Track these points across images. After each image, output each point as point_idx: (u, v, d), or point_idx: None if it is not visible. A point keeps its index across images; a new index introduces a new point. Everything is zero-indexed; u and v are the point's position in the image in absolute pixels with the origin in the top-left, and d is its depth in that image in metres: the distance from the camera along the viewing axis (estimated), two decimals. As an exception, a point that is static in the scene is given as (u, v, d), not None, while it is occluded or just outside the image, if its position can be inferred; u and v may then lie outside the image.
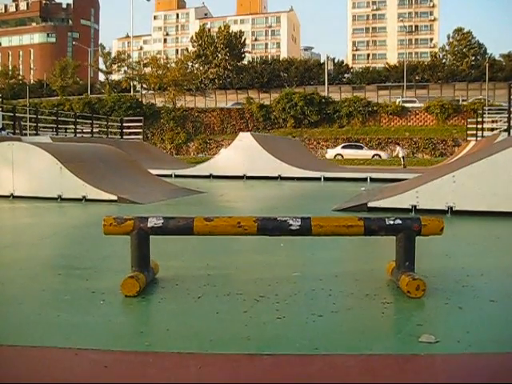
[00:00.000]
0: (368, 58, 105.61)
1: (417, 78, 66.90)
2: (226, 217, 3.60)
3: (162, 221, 3.52)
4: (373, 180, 15.34)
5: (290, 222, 3.47)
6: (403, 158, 30.30)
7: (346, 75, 71.59)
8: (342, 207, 8.08)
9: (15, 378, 2.25)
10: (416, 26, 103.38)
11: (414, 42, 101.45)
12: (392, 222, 3.56)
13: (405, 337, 2.76)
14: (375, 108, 53.23)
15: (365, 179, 15.48)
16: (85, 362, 2.46)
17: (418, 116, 53.03)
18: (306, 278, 4.01)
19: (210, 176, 16.56)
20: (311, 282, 3.84)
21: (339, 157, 41.24)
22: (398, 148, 32.51)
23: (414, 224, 3.55)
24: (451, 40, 74.03)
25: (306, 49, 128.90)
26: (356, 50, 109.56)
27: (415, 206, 7.56)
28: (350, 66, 77.15)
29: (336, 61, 71.83)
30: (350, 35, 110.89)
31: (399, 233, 3.57)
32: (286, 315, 3.04)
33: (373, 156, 40.62)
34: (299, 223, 3.47)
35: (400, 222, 3.56)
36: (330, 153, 43.86)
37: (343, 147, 44.21)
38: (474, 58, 70.36)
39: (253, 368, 2.40)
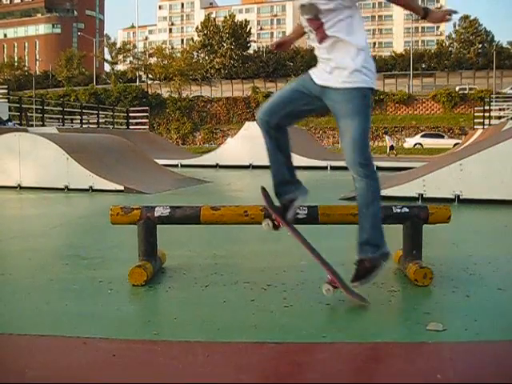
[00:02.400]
0: (374, 47, 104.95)
1: (423, 66, 66.55)
2: (233, 206, 3.61)
3: (169, 210, 3.52)
4: (379, 169, 15.27)
5: (297, 210, 3.46)
6: (392, 146, 30.56)
7: (352, 64, 71.30)
8: (349, 196, 8.07)
9: (24, 366, 2.27)
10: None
11: (420, 29, 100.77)
12: (399, 211, 3.55)
13: (412, 325, 2.76)
14: (381, 96, 53.09)
15: (371, 168, 15.44)
16: (93, 350, 2.47)
17: (424, 104, 52.86)
18: (313, 266, 3.98)
19: (217, 166, 16.57)
20: (318, 270, 3.81)
21: (419, 146, 39.61)
22: (386, 137, 32.70)
23: (421, 212, 3.55)
24: (458, 28, 73.54)
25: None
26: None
27: (422, 195, 7.55)
28: (356, 55, 76.76)
29: (342, 49, 71.51)
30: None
31: (406, 221, 3.57)
32: (294, 303, 3.04)
33: (454, 145, 38.20)
34: (306, 212, 3.47)
35: (407, 210, 3.55)
36: (410, 142, 42.10)
37: (423, 136, 42.32)
38: (480, 45, 69.87)
39: (260, 356, 2.41)
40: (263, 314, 2.90)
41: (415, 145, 40.35)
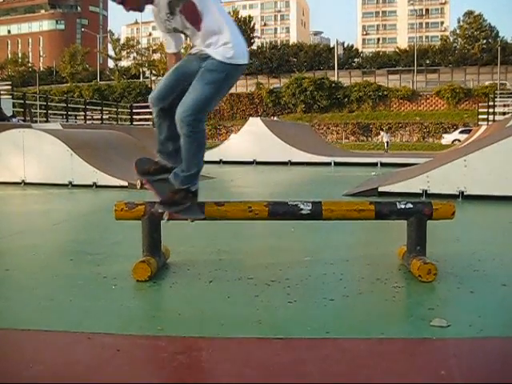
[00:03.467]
0: (378, 43, 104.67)
1: (427, 62, 66.34)
2: (237, 201, 3.61)
3: (173, 206, 3.52)
4: (383, 165, 15.29)
5: (301, 206, 3.46)
6: (387, 143, 30.76)
7: (355, 60, 71.13)
8: (353, 192, 8.08)
9: (29, 361, 2.28)
10: (427, 10, 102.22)
11: (424, 25, 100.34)
12: (403, 206, 3.55)
13: (416, 321, 2.76)
14: (385, 92, 53.00)
15: (375, 164, 15.43)
16: (98, 345, 2.48)
17: (428, 100, 52.76)
18: (317, 262, 4.01)
19: (220, 161, 16.57)
20: (322, 266, 3.84)
21: (457, 142, 37.37)
22: (382, 133, 32.92)
23: (425, 208, 3.54)
24: (462, 23, 73.25)
25: (316, 33, 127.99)
26: (366, 34, 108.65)
27: (426, 191, 7.53)
28: (360, 51, 76.60)
29: (346, 45, 71.42)
30: (360, 19, 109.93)
31: (410, 217, 3.57)
32: (298, 299, 3.04)
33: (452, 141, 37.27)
34: (310, 207, 3.47)
35: (411, 206, 3.55)
36: (447, 138, 41.15)
37: (461, 132, 40.92)
38: (485, 41, 69.57)
39: (264, 351, 2.41)
40: (267, 309, 2.90)
41: (453, 141, 38.98)
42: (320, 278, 3.52)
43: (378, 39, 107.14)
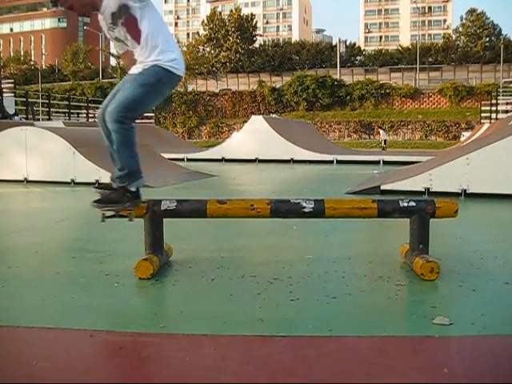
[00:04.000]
0: (380, 40, 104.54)
1: (430, 60, 66.28)
2: (239, 199, 3.61)
3: (176, 203, 3.53)
4: (386, 163, 15.28)
5: (304, 204, 3.46)
6: (385, 141, 30.94)
7: (358, 58, 71.12)
8: (355, 190, 8.07)
9: (32, 358, 2.28)
10: (429, 8, 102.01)
11: (427, 23, 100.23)
12: (406, 204, 3.54)
13: (418, 319, 2.76)
14: (388, 91, 52.94)
15: (377, 162, 15.42)
16: (100, 343, 2.49)
17: (431, 98, 52.68)
18: (319, 260, 4.01)
19: (222, 159, 16.57)
20: (324, 264, 3.84)
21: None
22: (381, 132, 33.08)
23: (428, 206, 3.53)
24: (464, 21, 73.14)
25: (318, 31, 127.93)
26: (368, 32, 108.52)
27: (428, 189, 7.53)
28: (363, 49, 76.55)
29: (348, 43, 71.36)
30: (362, 17, 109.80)
31: (413, 215, 3.56)
32: (300, 297, 3.04)
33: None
34: (312, 205, 3.47)
35: (414, 204, 3.55)
36: (467, 135, 41.38)
37: None
38: (488, 39, 69.52)
39: (267, 349, 2.41)
40: (269, 307, 2.90)
41: None
42: (322, 276, 3.51)
43: (381, 37, 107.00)
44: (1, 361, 2.32)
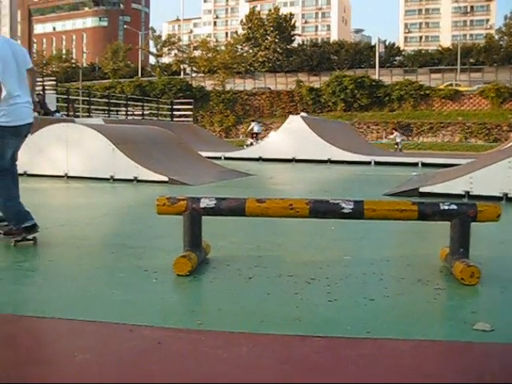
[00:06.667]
0: (420, 41, 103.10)
1: (471, 60, 65.05)
2: (278, 199, 3.61)
3: (215, 201, 3.54)
4: (424, 165, 15.06)
5: (343, 204, 3.44)
6: (399, 143, 30.61)
7: (397, 58, 70.24)
8: (393, 192, 7.98)
9: (74, 350, 2.32)
10: (471, 7, 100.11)
11: (468, 23, 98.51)
12: (447, 207, 3.49)
13: (458, 324, 2.72)
14: (427, 92, 52.19)
15: (416, 164, 15.22)
16: (139, 337, 2.52)
17: (471, 100, 51.75)
18: (357, 261, 3.98)
19: (260, 159, 16.56)
20: (362, 265, 3.82)
21: None
22: (395, 133, 32.70)
23: (469, 210, 3.48)
24: (508, 21, 71.58)
25: (357, 31, 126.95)
26: (408, 32, 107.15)
27: (468, 192, 7.40)
28: (402, 49, 75.55)
29: (387, 43, 70.58)
30: (402, 17, 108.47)
31: (454, 218, 3.50)
32: (338, 298, 3.03)
33: None
34: (352, 206, 3.45)
35: (455, 207, 3.49)
36: None
37: None
38: (532, 39, 67.85)
39: (305, 349, 2.40)
40: (307, 307, 2.90)
41: None
42: (360, 277, 3.49)
43: (421, 37, 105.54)
44: (43, 351, 2.37)
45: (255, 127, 29.44)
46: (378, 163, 15.61)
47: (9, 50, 4.27)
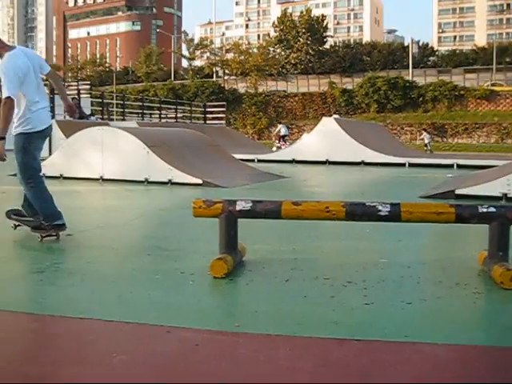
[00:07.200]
0: (454, 40, 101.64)
1: (507, 60, 63.90)
2: (314, 201, 3.60)
3: (251, 204, 3.55)
4: (460, 166, 14.86)
5: (379, 207, 3.42)
6: (428, 144, 30.67)
7: (430, 58, 69.37)
8: (429, 194, 7.89)
9: (111, 350, 2.35)
10: (508, 5, 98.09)
11: (505, 21, 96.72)
12: (485, 210, 3.44)
13: (499, 329, 2.68)
14: (462, 92, 51.45)
15: (451, 165, 15.02)
16: (176, 339, 2.53)
17: (508, 100, 50.84)
18: (394, 264, 3.95)
19: (293, 161, 16.55)
20: (399, 268, 3.78)
21: None
22: (424, 134, 32.76)
23: (508, 212, 3.42)
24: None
25: (390, 32, 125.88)
26: (442, 31, 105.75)
27: (506, 194, 7.27)
28: (436, 49, 74.59)
29: (420, 43, 69.79)
30: (436, 16, 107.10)
31: (492, 221, 3.45)
32: (375, 301, 3.01)
33: None
34: (388, 209, 3.42)
35: (494, 209, 3.44)
36: None
37: None
38: None
39: (342, 353, 2.40)
40: (344, 310, 2.89)
41: None
42: (397, 280, 3.46)
43: (455, 37, 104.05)
44: (82, 352, 2.41)
45: (282, 129, 29.50)
46: (412, 165, 15.46)
47: (27, 62, 4.50)
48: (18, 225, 4.80)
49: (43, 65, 4.76)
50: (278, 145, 27.81)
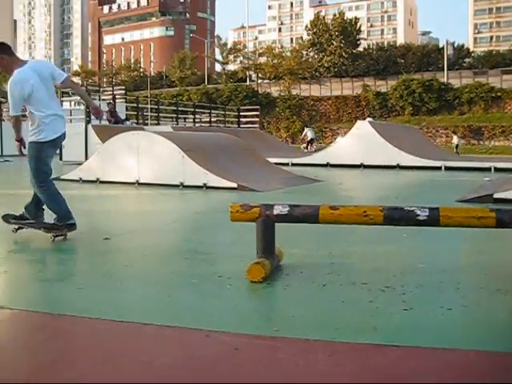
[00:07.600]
0: (491, 41, 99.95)
1: (546, 60, 62.59)
2: (352, 206, 3.58)
3: (288, 208, 3.55)
4: (497, 170, 14.60)
5: (418, 212, 3.38)
6: (457, 146, 31.21)
7: (466, 60, 68.36)
8: (466, 198, 7.77)
9: (153, 354, 2.38)
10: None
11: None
12: (527, 214, 3.37)
13: (542, 335, 2.62)
14: (499, 94, 50.61)
15: (488, 169, 14.78)
16: (215, 343, 2.55)
17: (547, 102, 49.83)
18: (432, 269, 3.90)
19: (327, 165, 16.48)
20: (437, 273, 3.73)
21: None
22: (454, 137, 33.59)
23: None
24: None
25: (424, 33, 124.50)
26: (478, 32, 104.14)
27: (547, 198, 7.12)
28: (471, 50, 73.51)
29: (456, 45, 68.86)
30: (472, 17, 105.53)
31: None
32: (414, 307, 2.98)
33: None
34: (427, 213, 3.38)
35: (536, 214, 3.37)
36: None
37: None
38: None
39: (381, 358, 2.38)
40: (382, 315, 2.86)
41: None
42: (436, 285, 3.42)
43: (491, 37, 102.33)
44: (122, 354, 2.44)
45: (308, 133, 29.43)
46: (448, 168, 15.25)
47: (35, 78, 4.63)
48: (19, 228, 4.99)
49: (56, 74, 4.83)
50: (306, 151, 27.75)
